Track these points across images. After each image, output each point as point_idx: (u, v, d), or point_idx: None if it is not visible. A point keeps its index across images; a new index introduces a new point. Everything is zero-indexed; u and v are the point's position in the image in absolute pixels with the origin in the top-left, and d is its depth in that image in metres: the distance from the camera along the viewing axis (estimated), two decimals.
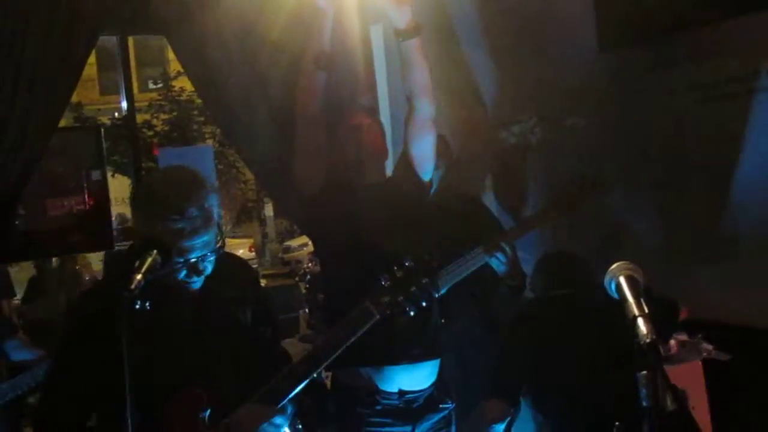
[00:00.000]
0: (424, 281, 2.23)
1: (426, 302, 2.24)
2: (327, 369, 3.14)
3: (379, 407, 2.94)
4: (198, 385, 2.20)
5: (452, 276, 3.26)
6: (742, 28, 2.93)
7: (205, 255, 2.15)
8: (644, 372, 1.33)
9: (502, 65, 4.14)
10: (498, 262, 3.31)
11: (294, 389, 2.22)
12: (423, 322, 2.97)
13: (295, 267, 18.27)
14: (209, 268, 2.20)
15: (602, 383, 2.61)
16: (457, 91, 4.19)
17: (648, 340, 1.32)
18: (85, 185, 4.96)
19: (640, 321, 1.37)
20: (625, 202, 3.49)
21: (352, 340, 2.27)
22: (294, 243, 21.58)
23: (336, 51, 3.02)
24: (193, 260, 2.13)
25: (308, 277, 11.34)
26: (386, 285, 2.24)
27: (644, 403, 1.33)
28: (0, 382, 3.87)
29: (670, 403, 1.39)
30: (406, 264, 2.24)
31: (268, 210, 24.02)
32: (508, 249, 3.30)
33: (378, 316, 2.25)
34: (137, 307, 1.72)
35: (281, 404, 2.21)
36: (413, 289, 2.22)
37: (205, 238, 2.14)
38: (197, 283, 2.22)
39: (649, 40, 3.33)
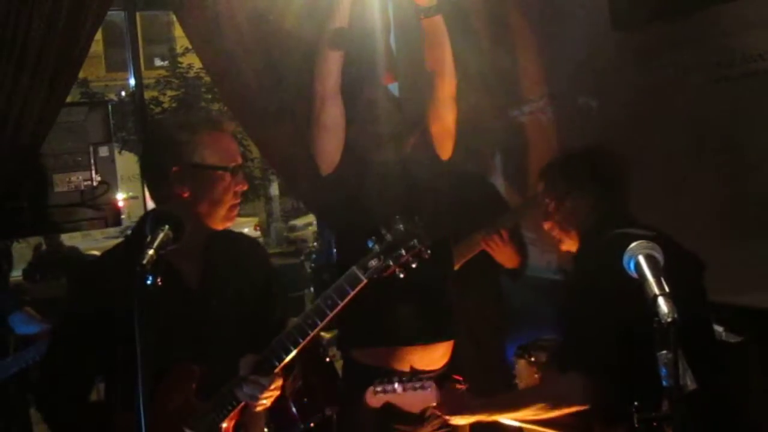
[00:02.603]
0: (412, 243, 2.19)
1: (416, 264, 2.21)
2: (339, 348, 3.15)
3: None
4: (193, 359, 2.23)
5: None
6: (759, 5, 2.89)
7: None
8: (664, 351, 1.32)
9: (514, 44, 4.11)
10: (494, 248, 3.35)
11: (285, 357, 2.22)
12: (437, 303, 2.96)
13: (300, 246, 18.31)
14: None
15: None
16: (469, 70, 4.16)
17: (669, 320, 1.31)
18: (93, 161, 4.95)
19: (661, 300, 1.36)
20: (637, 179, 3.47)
21: (342, 306, 2.24)
22: (299, 222, 21.63)
23: (355, 27, 2.99)
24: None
25: (313, 255, 11.33)
26: (375, 249, 2.21)
27: (664, 383, 1.32)
28: (7, 355, 3.89)
29: (690, 383, 1.38)
30: (396, 226, 2.20)
31: (274, 189, 24.04)
32: (504, 235, 3.33)
33: (365, 281, 2.22)
34: (149, 282, 1.72)
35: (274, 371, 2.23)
36: (402, 251, 2.20)
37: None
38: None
39: (662, 19, 3.30)
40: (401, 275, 2.23)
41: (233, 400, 2.23)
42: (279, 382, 2.23)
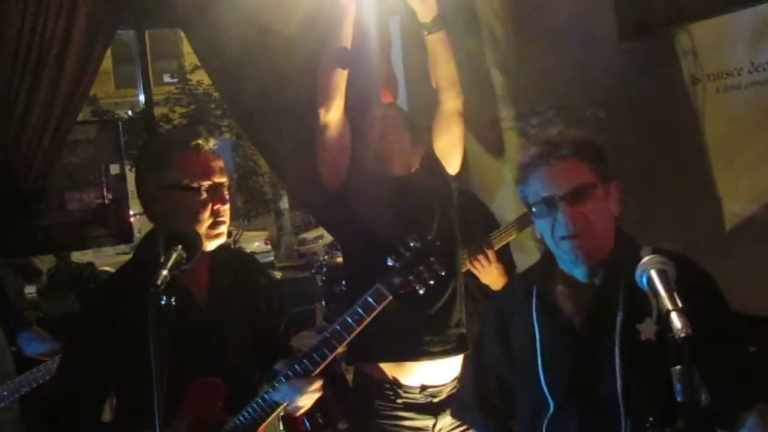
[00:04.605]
0: (431, 260, 2.28)
1: (433, 281, 2.28)
2: (349, 363, 3.15)
3: (400, 401, 2.94)
4: (205, 374, 2.24)
5: None
6: (765, 15, 2.89)
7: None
8: (679, 367, 1.32)
9: (521, 56, 4.12)
10: (479, 269, 3.31)
11: (313, 372, 2.28)
12: (445, 318, 2.96)
13: (310, 259, 18.32)
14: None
15: None
16: (475, 83, 4.17)
17: (683, 335, 1.31)
18: (104, 179, 4.99)
19: (674, 315, 1.35)
20: (645, 190, 3.46)
21: (368, 321, 2.31)
22: (309, 235, 21.66)
23: (356, 45, 3.00)
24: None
25: (324, 269, 11.33)
26: (396, 266, 2.29)
27: (679, 398, 1.31)
28: (17, 375, 3.88)
29: (704, 398, 1.38)
30: (413, 245, 2.28)
31: (284, 203, 24.09)
32: (490, 255, 3.29)
33: (390, 297, 2.29)
34: (162, 302, 1.72)
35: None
36: (421, 268, 2.27)
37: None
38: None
39: (668, 30, 3.30)
40: (421, 291, 2.31)
41: (271, 405, 2.27)
42: (319, 383, 2.31)
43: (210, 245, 2.30)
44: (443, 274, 2.32)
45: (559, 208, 1.99)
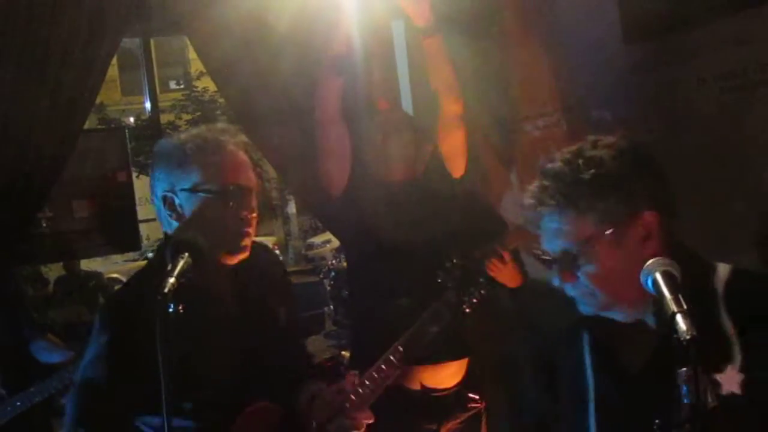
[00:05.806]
0: (481, 280, 2.41)
1: (478, 299, 2.33)
2: (353, 368, 3.15)
3: (404, 405, 2.93)
4: (237, 387, 2.13)
5: None
6: None
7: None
8: (684, 369, 1.31)
9: (526, 58, 4.12)
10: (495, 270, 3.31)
11: (379, 391, 2.40)
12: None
13: (318, 264, 18.32)
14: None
15: None
16: (482, 86, 4.17)
17: (688, 337, 1.30)
18: (111, 187, 5.01)
19: (680, 317, 1.35)
20: None
21: (429, 338, 2.42)
22: (317, 240, 21.67)
23: (354, 50, 3.01)
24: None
25: (332, 273, 11.31)
26: (451, 285, 2.40)
27: (685, 401, 1.31)
28: (31, 384, 3.88)
29: (711, 399, 1.37)
30: (461, 263, 2.39)
31: (291, 207, 24.11)
32: (505, 256, 3.29)
33: (448, 316, 2.40)
34: (170, 310, 1.69)
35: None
36: (472, 289, 2.31)
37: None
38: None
39: (673, 31, 3.30)
40: (467, 310, 2.39)
41: None
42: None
43: (233, 260, 2.14)
44: (484, 293, 2.39)
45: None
